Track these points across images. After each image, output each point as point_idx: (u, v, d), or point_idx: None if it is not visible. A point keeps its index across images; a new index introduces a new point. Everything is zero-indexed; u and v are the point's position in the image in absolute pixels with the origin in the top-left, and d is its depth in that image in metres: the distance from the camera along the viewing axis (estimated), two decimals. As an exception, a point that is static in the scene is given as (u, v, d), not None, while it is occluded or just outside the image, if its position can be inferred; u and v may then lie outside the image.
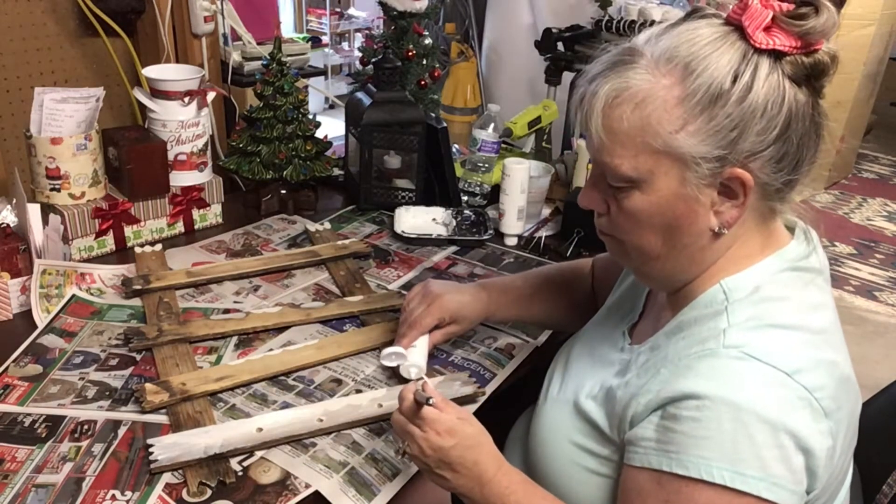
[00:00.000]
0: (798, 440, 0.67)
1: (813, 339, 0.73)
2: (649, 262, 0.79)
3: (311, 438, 0.95)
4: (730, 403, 0.67)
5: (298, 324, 1.20)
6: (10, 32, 1.77)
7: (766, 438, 0.67)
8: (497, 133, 1.73)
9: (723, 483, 0.67)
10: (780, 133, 0.69)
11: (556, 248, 1.51)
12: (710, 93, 0.68)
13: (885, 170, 4.65)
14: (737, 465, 0.67)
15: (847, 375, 0.75)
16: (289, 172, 1.56)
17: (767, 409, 0.67)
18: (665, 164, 0.71)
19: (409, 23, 1.87)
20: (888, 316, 2.98)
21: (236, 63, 2.02)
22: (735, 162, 0.69)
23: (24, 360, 1.07)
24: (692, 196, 0.72)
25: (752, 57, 0.68)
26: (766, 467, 0.67)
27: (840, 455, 0.75)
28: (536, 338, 1.21)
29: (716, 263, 0.78)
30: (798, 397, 0.68)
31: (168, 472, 0.88)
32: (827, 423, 0.70)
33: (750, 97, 0.67)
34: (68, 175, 1.32)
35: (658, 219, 0.74)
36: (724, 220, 0.73)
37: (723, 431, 0.67)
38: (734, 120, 0.68)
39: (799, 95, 0.70)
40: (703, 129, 0.68)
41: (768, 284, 0.75)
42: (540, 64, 2.17)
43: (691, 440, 0.69)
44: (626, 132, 0.71)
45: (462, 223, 1.53)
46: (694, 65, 0.68)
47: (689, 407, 0.69)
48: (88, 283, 1.26)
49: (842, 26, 2.37)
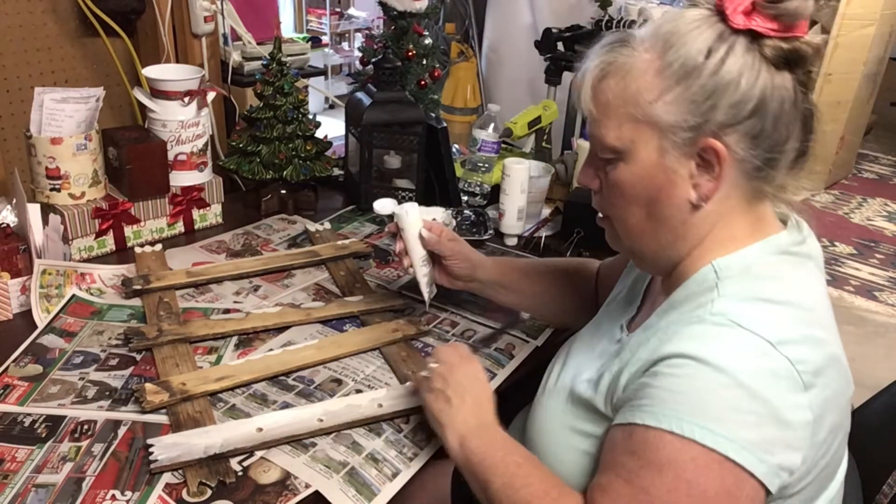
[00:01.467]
0: (774, 410, 0.68)
1: (802, 315, 0.73)
2: (636, 239, 0.82)
3: (311, 438, 0.95)
4: (709, 364, 0.68)
5: (298, 324, 1.20)
6: (10, 32, 1.77)
7: (740, 402, 0.68)
8: (497, 133, 1.73)
9: (691, 437, 0.67)
10: (753, 109, 0.72)
11: (556, 248, 1.51)
12: (685, 65, 0.72)
13: (885, 170, 4.65)
14: (707, 423, 0.67)
15: (836, 356, 0.75)
16: (289, 172, 1.57)
17: (746, 374, 0.68)
18: (645, 133, 0.75)
19: (409, 23, 1.87)
20: (888, 316, 2.98)
21: (236, 63, 2.02)
22: (709, 132, 0.73)
23: (24, 360, 1.07)
24: (671, 167, 0.75)
25: (729, 37, 0.72)
26: (736, 430, 0.67)
27: (826, 438, 0.74)
28: (536, 338, 1.21)
29: (703, 243, 0.79)
30: (779, 367, 0.69)
31: (168, 472, 0.88)
32: (807, 397, 0.70)
33: (723, 71, 0.71)
34: (68, 175, 1.32)
35: (640, 190, 0.78)
36: (701, 193, 0.76)
37: (698, 389, 0.69)
38: (707, 91, 0.72)
39: (777, 78, 0.73)
40: (678, 99, 0.73)
41: (760, 264, 0.77)
42: (540, 64, 2.17)
43: (666, 394, 0.70)
44: (611, 103, 0.77)
45: (462, 223, 1.53)
46: (673, 40, 0.73)
47: (670, 365, 0.71)
48: (88, 283, 1.26)
49: (842, 26, 2.39)
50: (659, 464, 0.69)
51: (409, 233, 1.13)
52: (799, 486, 0.74)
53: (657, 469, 0.69)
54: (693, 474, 0.67)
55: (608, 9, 2.18)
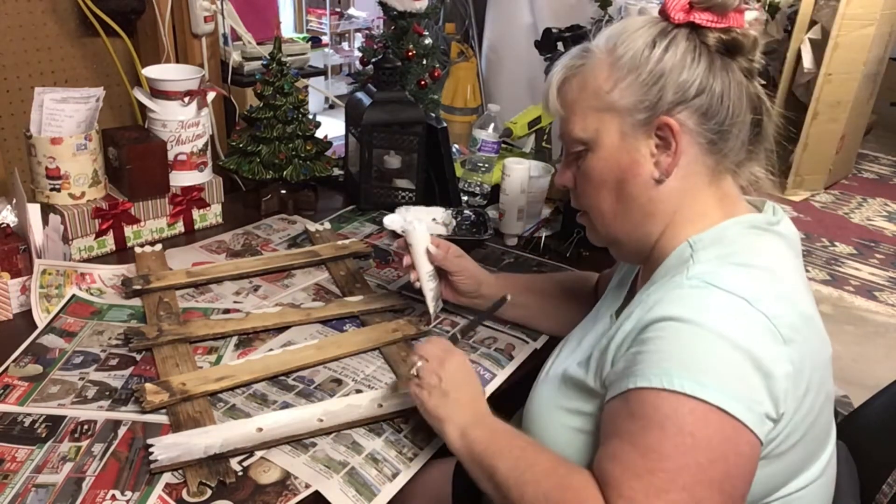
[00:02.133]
0: (756, 361, 0.71)
1: (775, 277, 0.77)
2: (610, 225, 0.88)
3: (311, 438, 0.95)
4: (691, 322, 0.72)
5: (298, 324, 1.20)
6: (10, 32, 1.77)
7: (725, 355, 0.71)
8: (497, 133, 1.73)
9: (683, 391, 0.70)
10: (699, 89, 0.80)
11: (556, 248, 1.51)
12: (633, 58, 0.81)
13: (885, 170, 4.65)
14: (697, 376, 0.70)
15: (810, 315, 0.78)
16: (289, 172, 1.57)
17: (727, 329, 0.71)
18: (607, 120, 0.83)
19: (409, 23, 1.87)
20: (888, 316, 2.98)
21: (236, 63, 2.02)
22: (663, 111, 0.81)
23: (24, 360, 1.07)
24: (633, 147, 0.83)
25: (671, 31, 0.82)
26: (725, 381, 0.70)
27: (809, 395, 0.76)
28: (536, 339, 1.21)
29: (674, 221, 0.84)
30: (757, 321, 0.72)
31: (168, 472, 0.88)
32: (786, 349, 0.73)
33: (666, 58, 0.80)
34: (68, 175, 1.32)
35: (608, 174, 0.85)
36: (662, 168, 0.83)
37: (683, 346, 0.72)
38: (655, 76, 0.80)
39: (718, 62, 0.81)
40: (631, 85, 0.82)
41: (732, 235, 0.82)
42: (540, 64, 2.16)
43: (654, 356, 0.73)
44: (574, 100, 0.86)
45: (462, 223, 1.53)
46: (622, 39, 0.83)
47: (657, 329, 0.74)
48: (88, 283, 1.26)
49: (842, 26, 2.40)
50: (660, 421, 0.71)
51: (417, 248, 1.16)
52: (786, 445, 0.75)
53: (659, 427, 0.71)
54: (694, 426, 0.70)
55: (608, 9, 2.19)
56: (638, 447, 0.71)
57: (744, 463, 0.71)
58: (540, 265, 1.46)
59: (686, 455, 0.69)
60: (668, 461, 0.69)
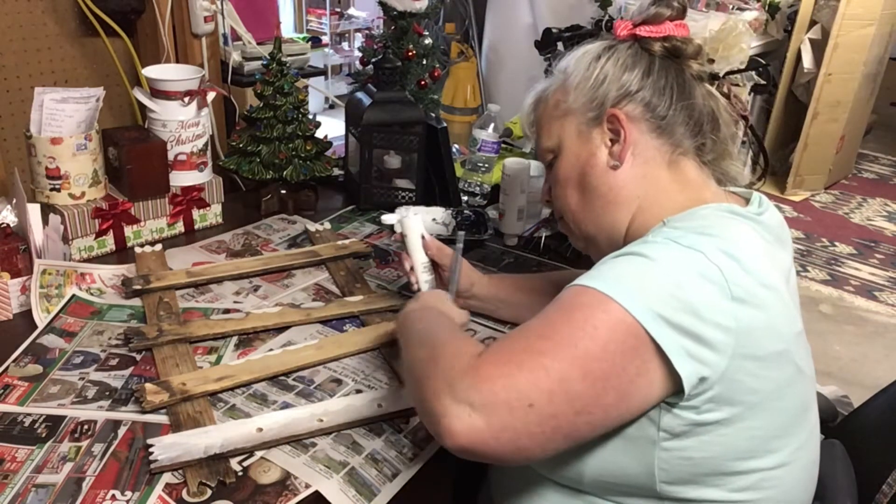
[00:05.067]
0: (693, 305, 0.72)
1: (738, 247, 0.78)
2: (580, 221, 0.94)
3: (312, 438, 0.95)
4: (645, 255, 0.77)
5: (298, 324, 1.20)
6: (10, 32, 1.77)
7: (665, 286, 0.74)
8: (497, 133, 1.73)
9: (610, 295, 0.73)
10: (640, 84, 0.89)
11: (556, 248, 1.51)
12: (582, 71, 0.93)
13: (885, 170, 4.65)
14: (631, 290, 0.73)
15: (774, 286, 0.79)
16: (289, 172, 1.57)
17: (677, 268, 0.75)
18: (566, 123, 0.94)
19: (409, 23, 1.88)
20: (888, 316, 2.98)
21: (236, 63, 2.03)
22: (610, 105, 0.90)
23: (24, 360, 1.07)
24: (589, 141, 0.92)
25: (615, 45, 0.93)
26: (655, 304, 0.72)
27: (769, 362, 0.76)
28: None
29: (641, 207, 0.89)
30: (709, 272, 0.75)
31: (168, 472, 0.88)
32: (732, 305, 0.74)
33: (608, 64, 0.91)
34: (68, 175, 1.32)
35: (572, 171, 0.93)
36: (616, 155, 0.90)
37: (631, 270, 0.76)
38: (600, 79, 0.91)
39: (658, 62, 0.91)
40: (581, 90, 0.92)
41: (706, 213, 0.85)
42: (540, 64, 2.16)
43: (600, 268, 0.79)
44: (540, 116, 0.98)
45: (462, 223, 1.53)
46: (573, 60, 0.95)
47: (612, 257, 0.80)
48: (88, 283, 1.26)
49: (842, 26, 2.41)
50: (572, 306, 0.75)
51: (412, 238, 1.17)
52: (740, 407, 0.76)
53: (569, 309, 0.75)
54: (601, 321, 0.72)
55: (608, 9, 2.19)
56: (540, 318, 0.76)
57: (630, 377, 0.72)
58: (540, 265, 1.46)
59: (579, 339, 0.72)
60: (560, 335, 0.72)
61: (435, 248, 1.18)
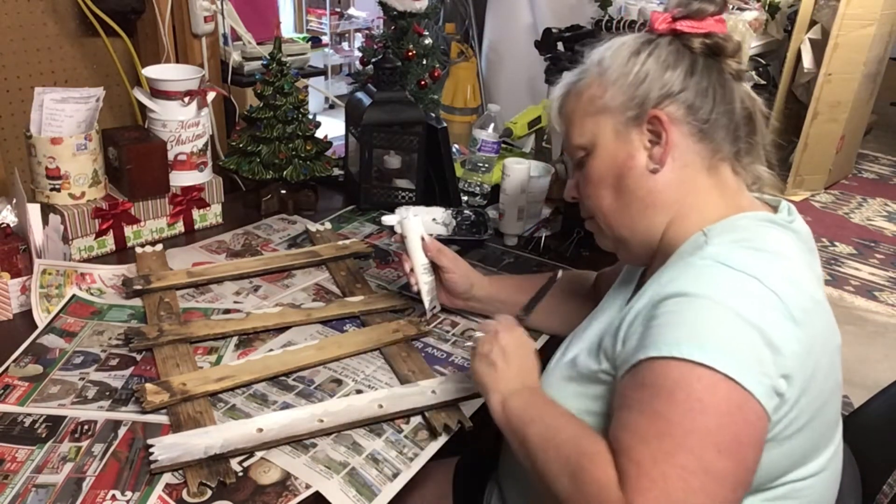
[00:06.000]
0: (766, 335, 0.72)
1: (784, 262, 0.79)
2: (613, 222, 0.91)
3: (312, 439, 0.95)
4: (705, 297, 0.74)
5: (299, 324, 1.20)
6: (10, 32, 1.77)
7: (735, 328, 0.72)
8: (497, 133, 1.73)
9: (692, 359, 0.71)
10: (683, 84, 0.86)
11: (556, 248, 1.51)
12: (619, 66, 0.88)
13: (885, 170, 4.65)
14: (706, 346, 0.71)
15: (820, 300, 0.80)
16: (289, 172, 1.56)
17: (738, 304, 0.73)
18: (601, 121, 0.89)
19: (409, 23, 1.88)
20: (888, 316, 2.98)
21: (236, 63, 2.02)
22: (651, 105, 0.86)
23: (25, 360, 1.07)
24: (627, 142, 0.88)
25: (654, 40, 0.88)
26: (734, 352, 0.71)
27: (817, 379, 0.76)
28: (536, 339, 1.21)
29: (679, 213, 0.87)
30: (768, 299, 0.74)
31: (168, 472, 0.88)
32: (796, 329, 0.73)
33: (650, 61, 0.87)
34: (68, 175, 1.32)
35: (606, 172, 0.89)
36: (656, 159, 0.86)
37: (695, 318, 0.74)
38: (641, 77, 0.86)
39: (700, 61, 0.87)
40: (620, 88, 0.87)
41: (746, 224, 0.84)
42: (540, 64, 2.16)
43: (666, 328, 0.74)
44: (571, 111, 0.93)
45: (462, 223, 1.53)
46: (608, 54, 0.90)
47: (669, 304, 0.76)
48: (88, 283, 1.26)
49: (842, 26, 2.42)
50: (669, 389, 0.72)
51: (412, 239, 1.17)
52: (793, 429, 0.76)
53: (668, 394, 0.71)
54: (702, 393, 0.70)
55: (608, 9, 2.19)
56: (646, 414, 0.72)
57: (752, 432, 0.71)
58: (540, 265, 1.46)
59: (694, 420, 0.70)
60: (676, 426, 0.70)
61: (435, 249, 1.18)
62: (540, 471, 0.79)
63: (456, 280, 1.19)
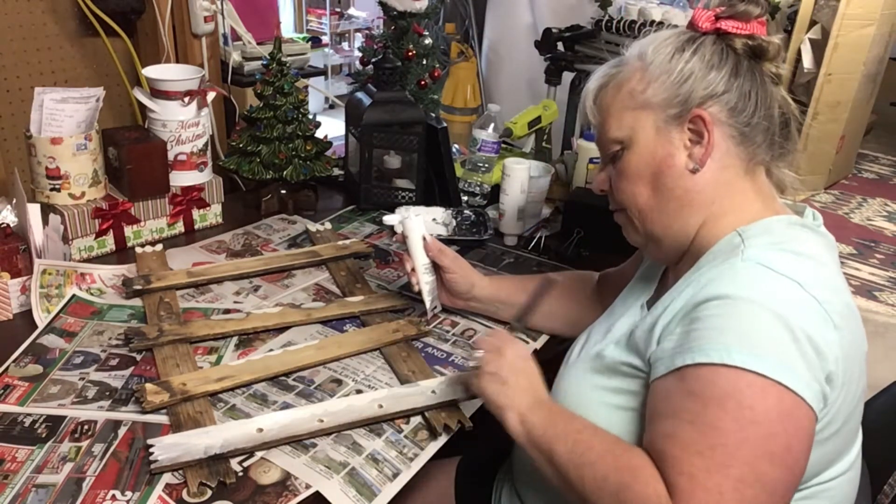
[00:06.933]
0: (812, 340, 0.72)
1: (821, 267, 0.80)
2: (647, 219, 0.89)
3: (312, 439, 0.95)
4: (750, 300, 0.74)
5: (299, 324, 1.20)
6: (10, 32, 1.76)
7: (781, 333, 0.72)
8: (497, 133, 1.73)
9: (743, 366, 0.70)
10: (727, 86, 0.85)
11: (556, 248, 1.51)
12: (662, 62, 0.87)
13: (885, 170, 4.65)
14: (756, 351, 0.71)
15: (852, 306, 0.81)
16: (289, 172, 1.56)
17: (783, 308, 0.73)
18: (642, 116, 0.87)
19: (409, 23, 1.87)
20: (888, 316, 2.98)
21: (236, 63, 2.02)
22: (695, 105, 0.85)
23: (25, 360, 1.07)
24: (667, 140, 0.86)
25: (698, 38, 0.87)
26: (784, 357, 0.71)
27: (851, 384, 0.77)
28: (536, 339, 1.21)
29: (713, 213, 0.86)
30: (810, 305, 0.74)
31: (168, 472, 0.88)
32: (837, 335, 0.74)
33: (694, 59, 0.86)
34: (68, 175, 1.32)
35: (644, 168, 0.88)
36: (696, 158, 0.86)
37: (741, 323, 0.73)
38: (685, 75, 0.85)
39: (745, 64, 0.86)
40: (663, 84, 0.86)
41: (780, 228, 0.84)
42: (540, 64, 2.16)
43: (713, 332, 0.74)
44: (609, 103, 0.91)
45: (462, 223, 1.53)
46: (651, 49, 0.88)
47: (711, 307, 0.75)
48: (88, 283, 1.26)
49: (842, 26, 2.42)
50: (719, 397, 0.71)
51: (413, 238, 1.17)
52: (828, 432, 0.76)
53: (718, 403, 0.71)
54: (753, 399, 0.70)
55: (608, 9, 2.19)
56: (696, 424, 0.71)
57: (803, 437, 0.72)
58: (540, 265, 1.46)
59: (746, 429, 0.70)
60: (728, 436, 0.70)
61: (436, 249, 1.18)
62: (577, 490, 0.78)
63: (457, 280, 1.18)
